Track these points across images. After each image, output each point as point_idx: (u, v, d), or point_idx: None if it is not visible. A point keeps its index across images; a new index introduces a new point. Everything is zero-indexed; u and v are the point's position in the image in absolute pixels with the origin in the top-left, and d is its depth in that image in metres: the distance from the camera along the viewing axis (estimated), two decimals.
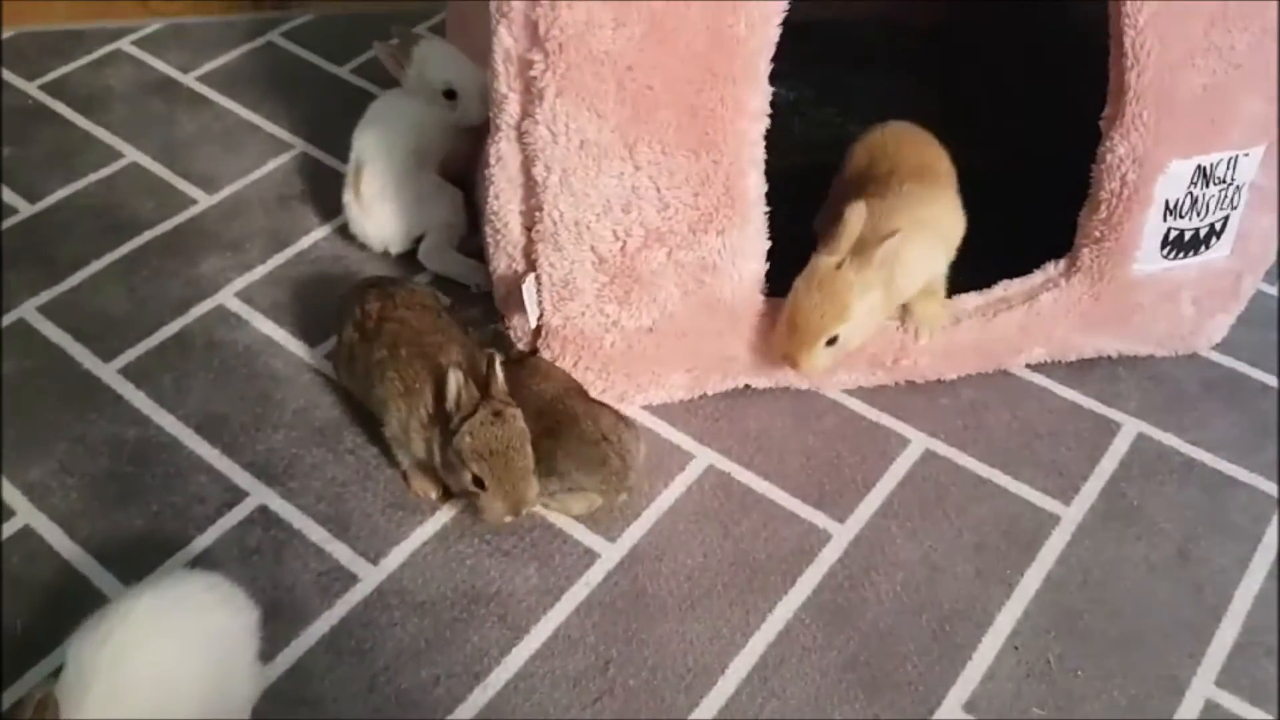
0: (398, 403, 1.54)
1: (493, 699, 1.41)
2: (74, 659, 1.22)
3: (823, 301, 1.51)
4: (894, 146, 1.75)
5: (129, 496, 1.60)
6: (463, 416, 1.46)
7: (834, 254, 1.51)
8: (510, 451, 1.46)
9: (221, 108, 2.25)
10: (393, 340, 1.58)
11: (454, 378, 1.46)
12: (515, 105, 1.50)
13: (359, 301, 1.65)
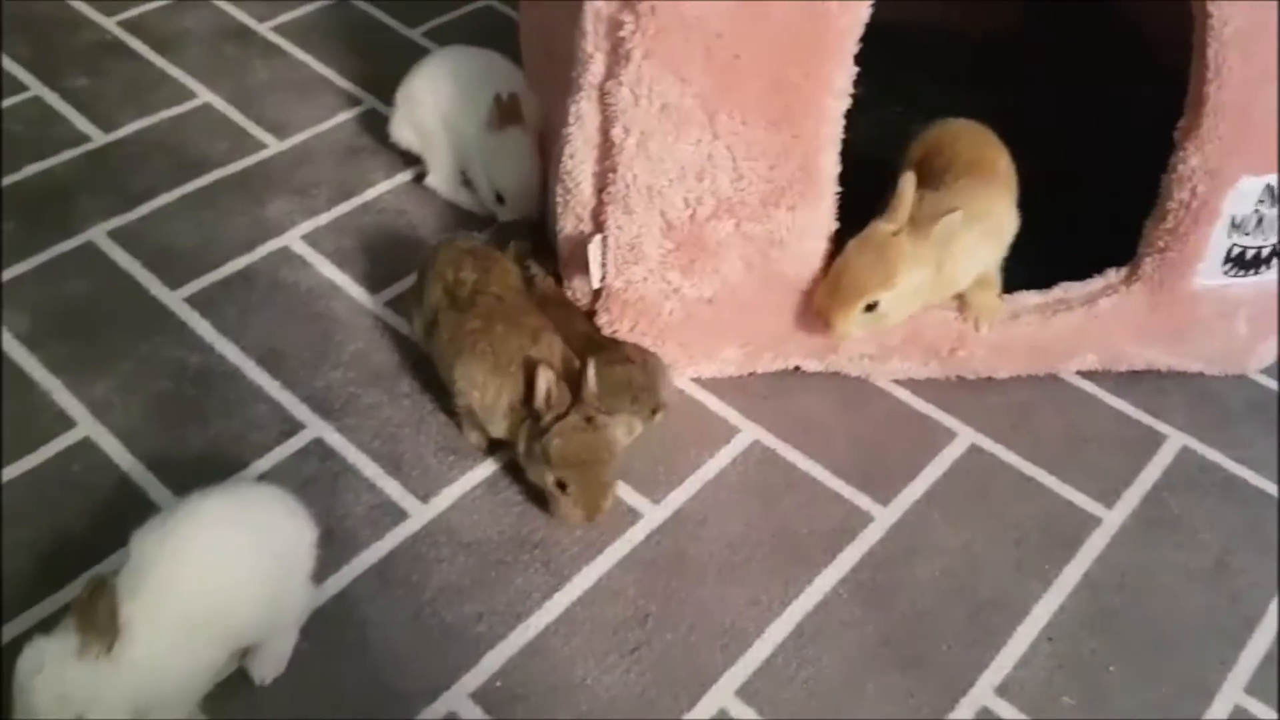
0: (488, 378, 1.53)
1: (533, 639, 1.43)
2: (136, 550, 1.25)
3: (872, 263, 1.52)
4: (952, 141, 1.77)
5: (189, 418, 1.63)
6: (555, 416, 1.47)
7: (890, 222, 1.53)
8: (598, 463, 1.47)
9: (294, 58, 2.29)
10: (488, 314, 1.57)
11: (544, 377, 1.46)
12: (600, 65, 1.53)
13: (454, 267, 1.63)
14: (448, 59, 2.00)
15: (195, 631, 1.23)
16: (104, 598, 1.16)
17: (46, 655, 1.15)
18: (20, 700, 1.16)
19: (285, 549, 1.33)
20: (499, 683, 1.38)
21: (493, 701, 1.37)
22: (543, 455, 1.47)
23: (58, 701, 1.15)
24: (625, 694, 1.39)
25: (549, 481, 1.48)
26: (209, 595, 1.23)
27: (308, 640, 1.39)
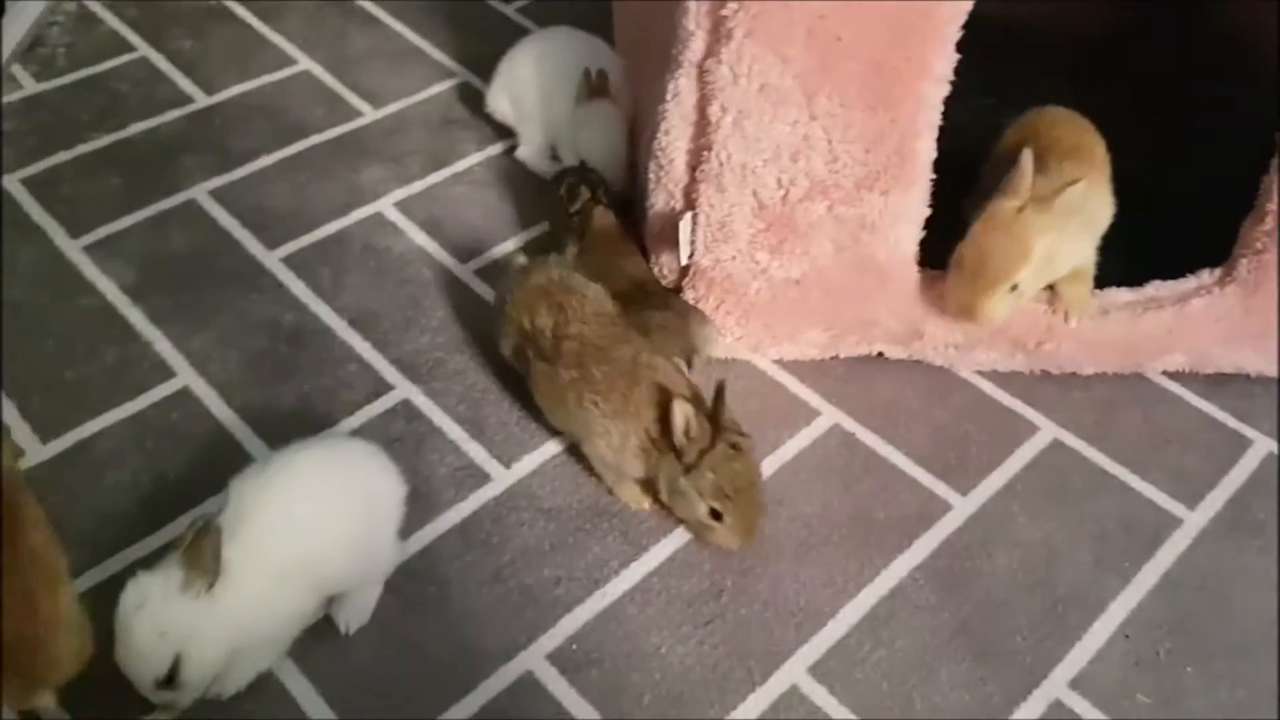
0: (606, 426, 1.48)
1: (609, 606, 1.45)
2: (236, 495, 1.29)
3: (1007, 245, 1.52)
4: (1049, 127, 1.75)
5: (283, 374, 1.67)
6: (700, 450, 1.42)
7: (1014, 198, 1.52)
8: (753, 489, 1.44)
9: (391, 29, 2.32)
10: (578, 360, 1.50)
11: (681, 410, 1.41)
12: (700, 43, 1.54)
13: (529, 313, 1.56)
14: (550, 38, 2.04)
15: (289, 576, 1.27)
16: (209, 538, 1.20)
17: (149, 591, 1.19)
18: (122, 632, 1.21)
19: (377, 503, 1.36)
20: (574, 646, 1.41)
21: (568, 664, 1.39)
22: (697, 491, 1.43)
23: (158, 637, 1.19)
24: (698, 665, 1.40)
25: (701, 512, 1.45)
26: (304, 542, 1.27)
27: (391, 593, 1.43)
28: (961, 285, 1.57)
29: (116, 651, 1.23)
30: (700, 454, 1.42)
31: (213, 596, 1.21)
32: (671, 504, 1.49)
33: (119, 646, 1.22)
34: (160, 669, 1.21)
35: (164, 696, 1.25)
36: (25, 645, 1.20)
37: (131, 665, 1.23)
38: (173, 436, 1.58)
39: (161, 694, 1.24)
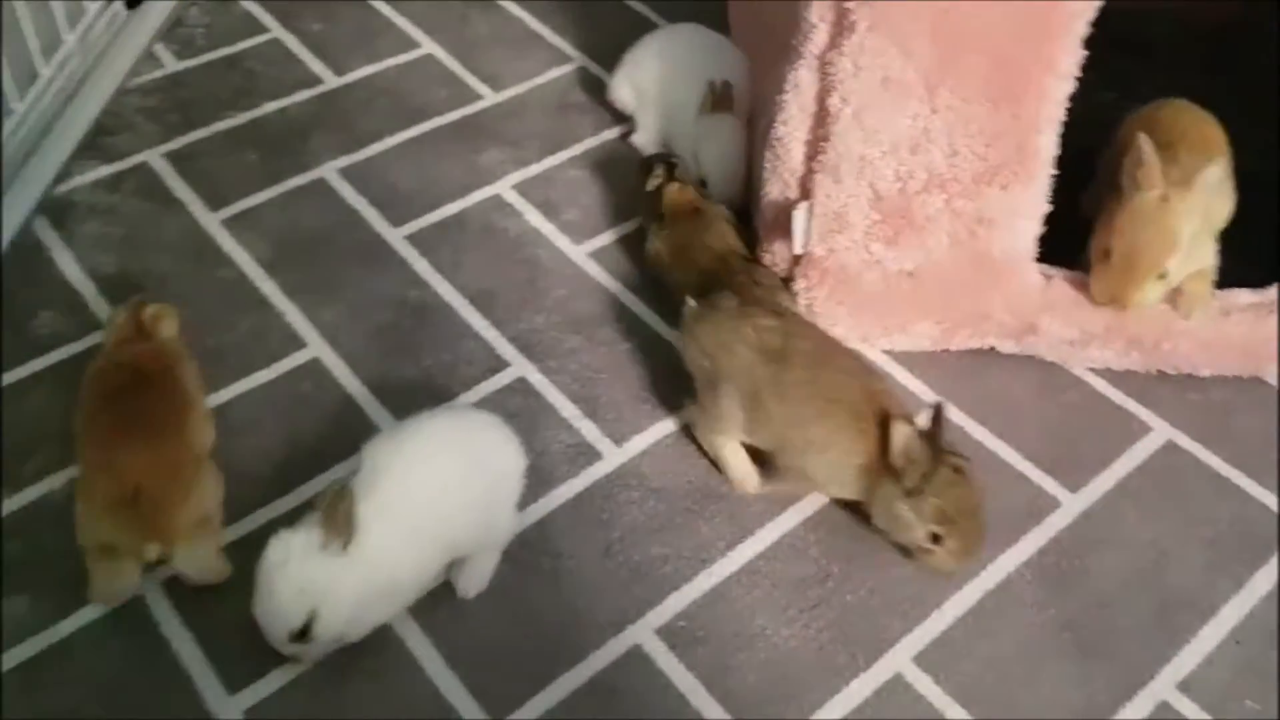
0: (831, 438, 1.46)
1: (716, 585, 1.48)
2: (369, 458, 1.36)
3: (1156, 236, 1.53)
4: (1171, 120, 1.74)
5: (406, 348, 1.73)
6: (922, 474, 1.40)
7: (1153, 188, 1.53)
8: (977, 513, 1.42)
9: (510, 14, 2.37)
10: (812, 361, 1.48)
11: (902, 432, 1.39)
12: (823, 35, 1.55)
13: (747, 321, 1.52)
14: (677, 34, 2.06)
15: (418, 534, 1.34)
16: (345, 501, 1.27)
17: (293, 548, 1.27)
18: (264, 587, 1.29)
19: (500, 471, 1.42)
20: (682, 623, 1.45)
21: (676, 640, 1.43)
22: (918, 517, 1.42)
23: (298, 591, 1.26)
24: (803, 647, 1.43)
25: (919, 536, 1.43)
26: (432, 504, 1.34)
27: (508, 562, 1.48)
28: (1110, 277, 1.58)
29: (255, 604, 1.31)
30: (922, 478, 1.40)
31: (347, 555, 1.27)
32: (885, 526, 1.47)
33: (259, 599, 1.30)
34: (296, 622, 1.29)
35: (294, 649, 1.32)
36: (157, 497, 1.36)
37: (270, 618, 1.30)
38: (304, 404, 1.65)
39: (293, 646, 1.32)
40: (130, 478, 1.37)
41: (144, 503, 1.36)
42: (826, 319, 1.74)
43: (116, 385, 1.47)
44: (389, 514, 1.31)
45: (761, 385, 1.48)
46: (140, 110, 2.10)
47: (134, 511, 1.36)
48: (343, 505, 1.27)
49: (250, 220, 1.91)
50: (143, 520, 1.36)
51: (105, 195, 1.95)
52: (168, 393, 1.48)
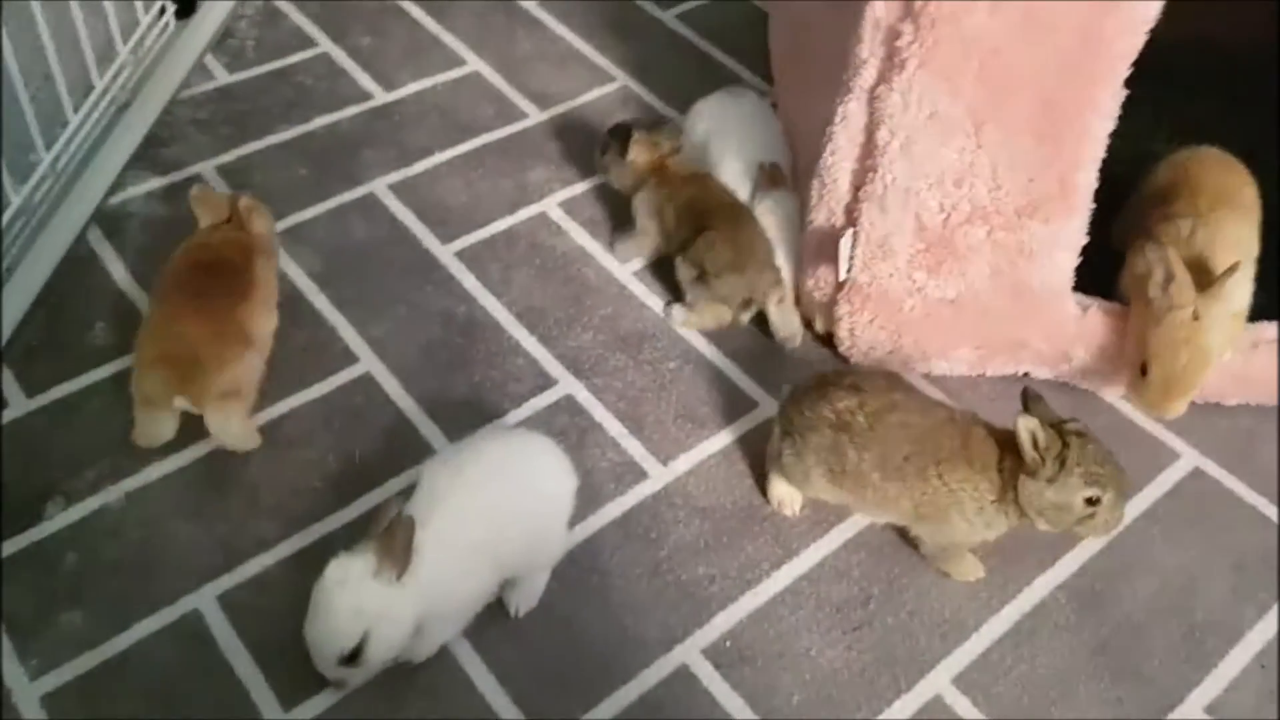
0: (959, 496, 1.47)
1: (761, 606, 1.53)
2: (427, 482, 1.40)
3: (1193, 358, 1.56)
4: (1199, 170, 1.78)
5: (455, 364, 1.78)
6: (1057, 455, 1.42)
7: (1184, 305, 1.55)
8: (1113, 457, 1.45)
9: (555, 32, 2.41)
10: (907, 434, 1.49)
11: (1026, 425, 1.41)
12: (873, 71, 1.60)
13: (826, 402, 1.52)
14: (727, 105, 2.05)
15: (473, 562, 1.37)
16: (403, 530, 1.30)
17: (351, 571, 1.30)
18: (320, 606, 1.31)
19: (552, 495, 1.46)
20: (728, 643, 1.49)
21: (722, 660, 1.48)
22: (1070, 494, 1.42)
23: (354, 613, 1.29)
24: (846, 668, 1.48)
25: (1078, 507, 1.43)
26: (490, 529, 1.38)
27: (557, 580, 1.53)
28: (1152, 395, 1.61)
29: (309, 623, 1.33)
30: (1059, 459, 1.42)
31: (403, 582, 1.30)
32: (1048, 521, 1.47)
33: (314, 619, 1.32)
34: (349, 644, 1.30)
35: (341, 673, 1.33)
36: (195, 360, 1.55)
37: (323, 637, 1.32)
38: (357, 418, 1.70)
39: (340, 671, 1.33)
40: (176, 339, 1.58)
41: (181, 363, 1.55)
42: (867, 343, 1.79)
43: (195, 260, 1.68)
44: (445, 542, 1.34)
45: (866, 469, 1.50)
46: (192, 122, 2.14)
47: (172, 369, 1.56)
48: (401, 534, 1.30)
49: (302, 234, 1.95)
50: (178, 377, 1.56)
51: (159, 206, 1.99)
52: (236, 276, 1.67)
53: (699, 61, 2.37)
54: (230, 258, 1.69)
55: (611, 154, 1.95)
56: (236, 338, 1.61)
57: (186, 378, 1.56)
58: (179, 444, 1.64)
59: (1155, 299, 1.59)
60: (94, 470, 1.62)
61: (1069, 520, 1.46)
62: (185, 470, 1.63)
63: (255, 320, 1.66)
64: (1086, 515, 1.45)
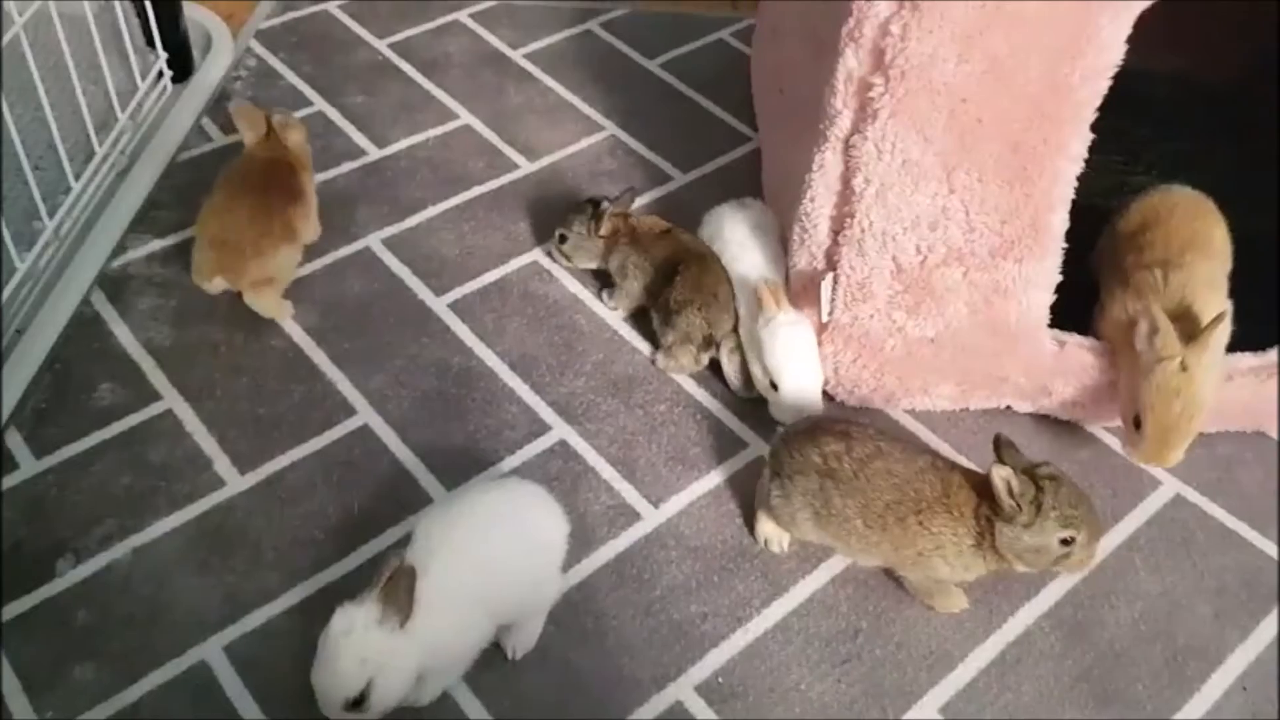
0: (939, 540, 1.52)
1: (752, 642, 1.57)
2: (423, 533, 1.44)
3: (1187, 407, 1.60)
4: (1169, 212, 1.83)
5: (451, 413, 1.83)
6: (1032, 500, 1.47)
7: (1173, 355, 1.59)
8: (1086, 498, 1.50)
9: (544, 85, 2.48)
10: (890, 481, 1.54)
11: (1000, 474, 1.46)
12: (847, 121, 1.65)
13: (814, 446, 1.57)
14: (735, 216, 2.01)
15: (472, 608, 1.42)
16: (405, 578, 1.35)
17: (356, 621, 1.34)
18: (326, 654, 1.36)
19: (546, 542, 1.51)
20: (720, 679, 1.53)
21: (714, 696, 1.52)
22: (1046, 536, 1.47)
23: (359, 661, 1.34)
24: (836, 701, 1.52)
25: (1054, 549, 1.48)
26: (486, 577, 1.42)
27: (553, 623, 1.57)
28: (1148, 447, 1.64)
29: (315, 671, 1.37)
30: (1034, 503, 1.47)
31: (406, 630, 1.35)
32: (1025, 564, 1.51)
33: (320, 666, 1.37)
34: (355, 690, 1.34)
35: (347, 718, 1.37)
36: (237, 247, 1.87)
37: (329, 683, 1.36)
38: (355, 470, 1.75)
39: (346, 715, 1.36)
40: (228, 226, 1.88)
41: (228, 248, 1.87)
42: (852, 381, 1.84)
43: (247, 169, 1.97)
44: (443, 591, 1.38)
45: (850, 515, 1.55)
46: (191, 184, 2.19)
47: (219, 252, 1.87)
48: (404, 582, 1.34)
49: (299, 290, 2.00)
50: (222, 260, 1.87)
51: (160, 268, 2.05)
52: (283, 183, 1.97)
53: (685, 109, 2.43)
54: (279, 168, 1.98)
55: (576, 235, 2.01)
56: (279, 233, 1.91)
57: (228, 263, 1.87)
58: (184, 499, 1.69)
59: (1142, 351, 1.64)
60: (102, 528, 1.66)
61: (1046, 561, 1.51)
62: (190, 525, 1.67)
63: (300, 223, 1.97)
64: (1062, 555, 1.50)
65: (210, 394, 1.84)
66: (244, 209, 1.89)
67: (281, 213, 1.92)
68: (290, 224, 1.94)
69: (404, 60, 2.52)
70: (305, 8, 2.65)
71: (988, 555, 1.52)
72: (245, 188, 1.93)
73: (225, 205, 1.91)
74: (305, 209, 2.00)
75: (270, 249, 1.89)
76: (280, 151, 2.01)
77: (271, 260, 1.90)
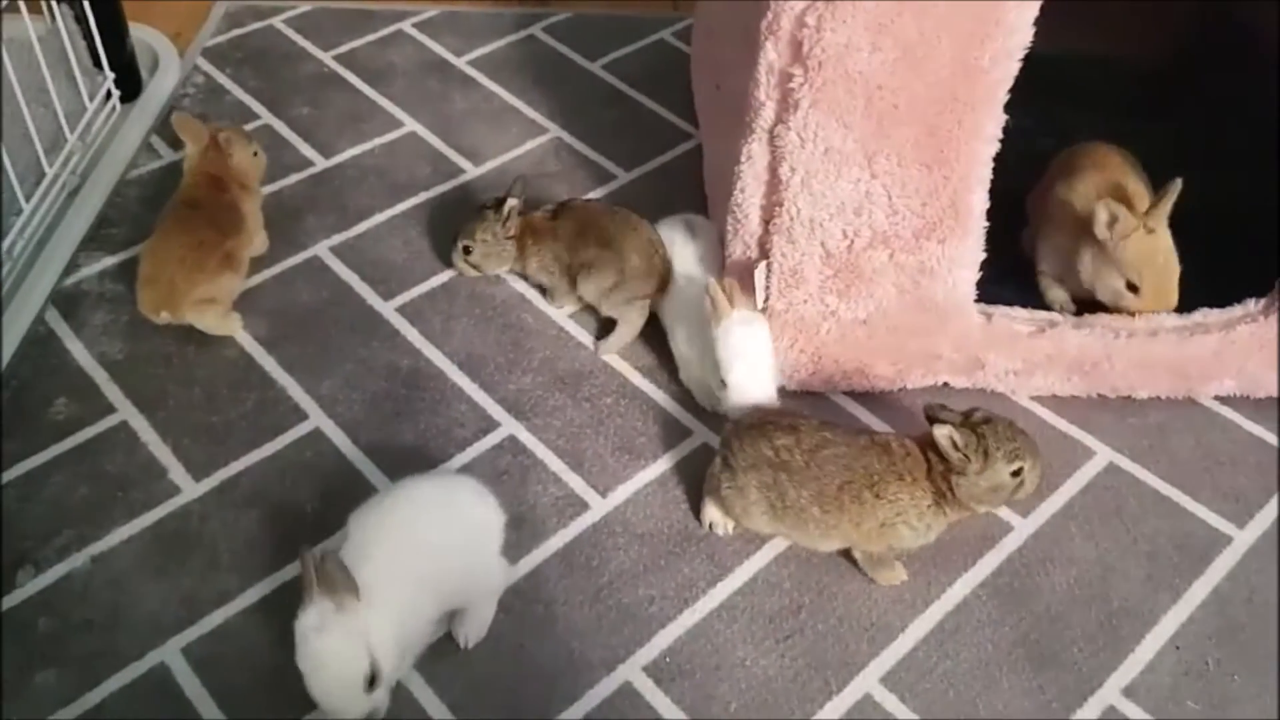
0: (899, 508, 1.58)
1: (699, 622, 1.61)
2: (357, 526, 1.48)
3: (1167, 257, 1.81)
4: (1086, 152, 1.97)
5: (401, 414, 1.87)
6: (978, 449, 1.55)
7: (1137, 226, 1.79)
8: (1016, 425, 1.58)
9: (488, 90, 2.52)
10: (842, 464, 1.59)
11: (942, 432, 1.54)
12: (771, 112, 1.70)
13: (765, 440, 1.61)
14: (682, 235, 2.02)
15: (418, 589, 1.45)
16: (329, 562, 1.36)
17: (319, 616, 1.34)
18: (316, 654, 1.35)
19: (479, 526, 1.56)
20: (668, 659, 1.57)
21: (662, 675, 1.56)
22: (998, 466, 1.55)
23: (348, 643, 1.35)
24: (780, 675, 1.56)
25: (1008, 479, 1.57)
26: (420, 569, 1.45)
27: (504, 612, 1.61)
28: (1153, 298, 1.81)
29: (317, 682, 1.36)
30: (980, 450, 1.55)
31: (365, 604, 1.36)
32: (986, 504, 1.61)
33: (319, 671, 1.35)
34: (365, 667, 1.34)
35: (371, 700, 1.38)
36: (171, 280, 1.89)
37: (339, 680, 1.35)
38: (308, 473, 1.78)
39: (369, 698, 1.37)
40: (157, 265, 1.91)
41: (160, 284, 1.90)
42: (791, 366, 1.88)
43: (188, 198, 1.99)
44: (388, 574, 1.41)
45: (805, 504, 1.59)
46: (140, 200, 2.23)
47: (152, 289, 1.91)
48: (328, 565, 1.36)
49: (249, 300, 2.04)
50: (156, 296, 1.90)
51: (111, 284, 2.08)
52: (222, 213, 1.98)
53: (628, 109, 2.48)
54: (223, 189, 2.01)
55: (483, 242, 2.01)
56: (216, 268, 1.93)
57: (163, 299, 1.90)
58: (141, 507, 1.73)
59: (1107, 239, 1.79)
60: (61, 538, 1.70)
61: (1004, 496, 1.60)
62: (146, 532, 1.71)
63: (239, 250, 1.99)
64: (1016, 485, 1.59)
65: (163, 404, 1.87)
66: (177, 247, 1.91)
67: (217, 247, 1.93)
68: (230, 254, 1.96)
69: (349, 71, 2.55)
70: (251, 24, 2.68)
71: (949, 509, 1.60)
72: (180, 225, 1.94)
73: (160, 244, 1.93)
74: (245, 237, 2.01)
75: (205, 282, 1.91)
76: (222, 169, 2.02)
77: (210, 288, 1.92)
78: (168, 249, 1.91)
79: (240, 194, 2.03)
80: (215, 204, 1.98)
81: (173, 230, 1.93)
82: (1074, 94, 2.38)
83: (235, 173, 2.04)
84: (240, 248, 1.99)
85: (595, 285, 1.97)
